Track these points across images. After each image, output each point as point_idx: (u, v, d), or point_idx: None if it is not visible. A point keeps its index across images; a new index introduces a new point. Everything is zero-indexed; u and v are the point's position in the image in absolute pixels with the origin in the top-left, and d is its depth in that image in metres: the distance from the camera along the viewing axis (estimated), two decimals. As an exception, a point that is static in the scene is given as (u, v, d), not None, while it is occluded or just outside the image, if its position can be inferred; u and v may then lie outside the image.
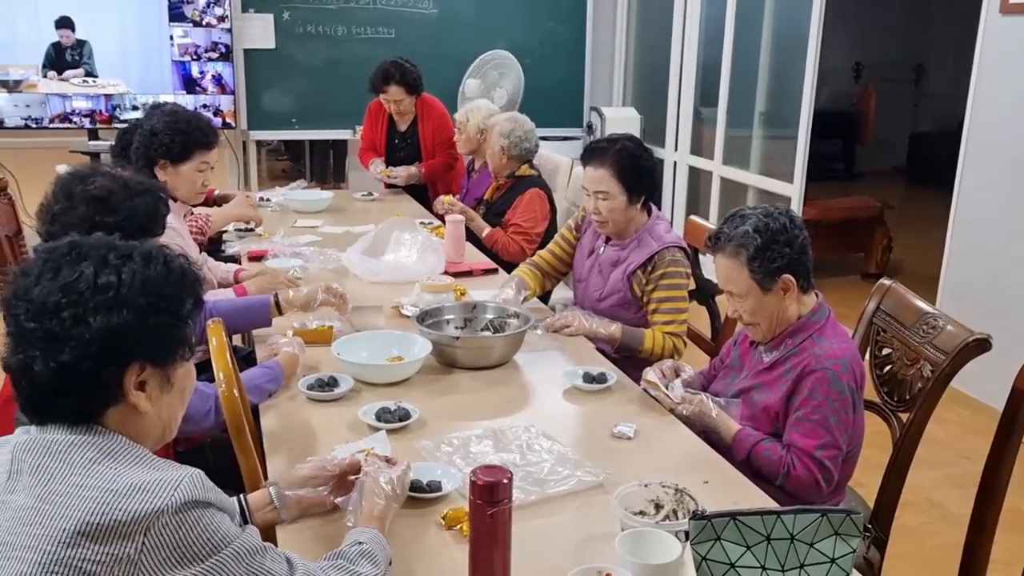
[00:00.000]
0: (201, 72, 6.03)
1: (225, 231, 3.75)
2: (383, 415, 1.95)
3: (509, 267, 3.39)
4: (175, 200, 2.67)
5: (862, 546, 1.96)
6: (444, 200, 4.00)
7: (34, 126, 5.84)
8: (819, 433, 1.92)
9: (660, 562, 1.35)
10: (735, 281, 2.01)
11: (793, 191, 5.04)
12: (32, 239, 3.08)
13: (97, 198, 1.95)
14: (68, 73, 5.81)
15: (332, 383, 2.12)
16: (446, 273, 3.01)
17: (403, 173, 4.64)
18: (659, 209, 2.80)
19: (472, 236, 3.70)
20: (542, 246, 3.75)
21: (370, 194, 4.61)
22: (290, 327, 2.45)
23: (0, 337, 1.17)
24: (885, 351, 2.19)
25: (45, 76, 5.77)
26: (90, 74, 5.84)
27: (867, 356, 2.20)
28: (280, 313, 2.48)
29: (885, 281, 2.25)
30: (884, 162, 10.05)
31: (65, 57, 5.80)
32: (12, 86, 5.75)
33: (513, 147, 3.81)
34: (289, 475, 1.57)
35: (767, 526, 1.34)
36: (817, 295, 2.05)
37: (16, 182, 3.80)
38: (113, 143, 3.23)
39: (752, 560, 1.34)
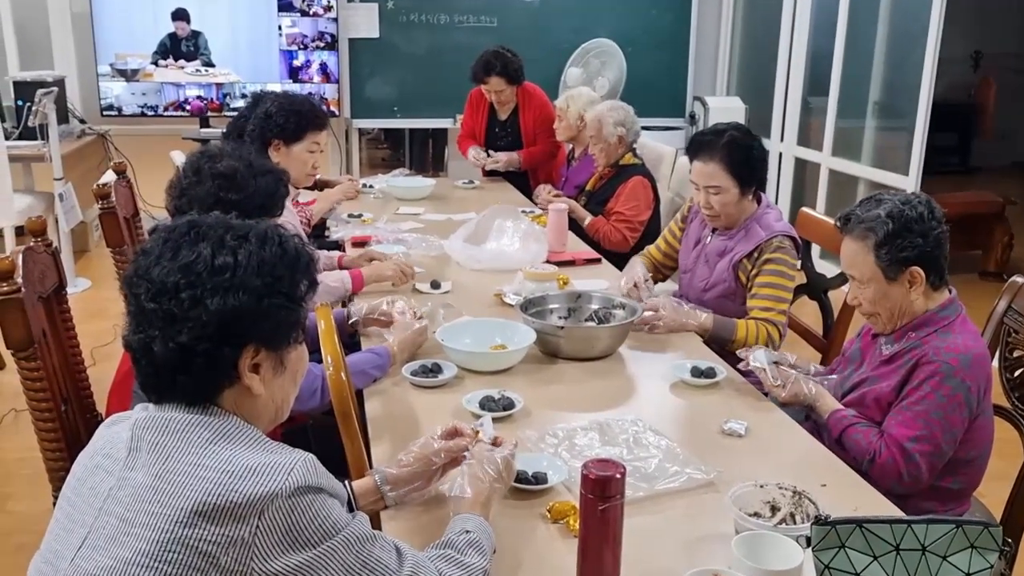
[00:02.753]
0: (307, 61, 6.14)
1: (327, 217, 3.80)
2: (487, 403, 1.93)
3: (611, 256, 3.34)
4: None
5: (1000, 563, 1.83)
6: (548, 194, 3.96)
7: (150, 114, 6.06)
8: (917, 425, 1.82)
9: (780, 568, 1.28)
10: (858, 266, 1.92)
11: (908, 184, 4.83)
12: (147, 223, 3.18)
13: (223, 175, 2.02)
14: (184, 62, 5.99)
15: (436, 370, 2.11)
16: (549, 262, 2.97)
17: (503, 158, 4.62)
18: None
19: (574, 226, 3.65)
20: (645, 236, 3.70)
21: (471, 182, 4.61)
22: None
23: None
24: (1016, 353, 2.05)
25: (156, 64, 5.96)
26: (208, 64, 6.02)
27: (996, 358, 2.07)
28: (351, 327, 2.41)
29: (1018, 279, 2.11)
30: (1003, 156, 9.54)
31: (180, 48, 5.99)
32: (130, 75, 5.97)
33: (629, 133, 3.75)
34: (396, 475, 1.54)
35: (896, 535, 1.26)
36: (950, 291, 1.93)
37: (132, 167, 3.93)
38: (225, 129, 3.31)
39: (879, 571, 1.26)
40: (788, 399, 1.99)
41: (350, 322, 2.40)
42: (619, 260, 3.27)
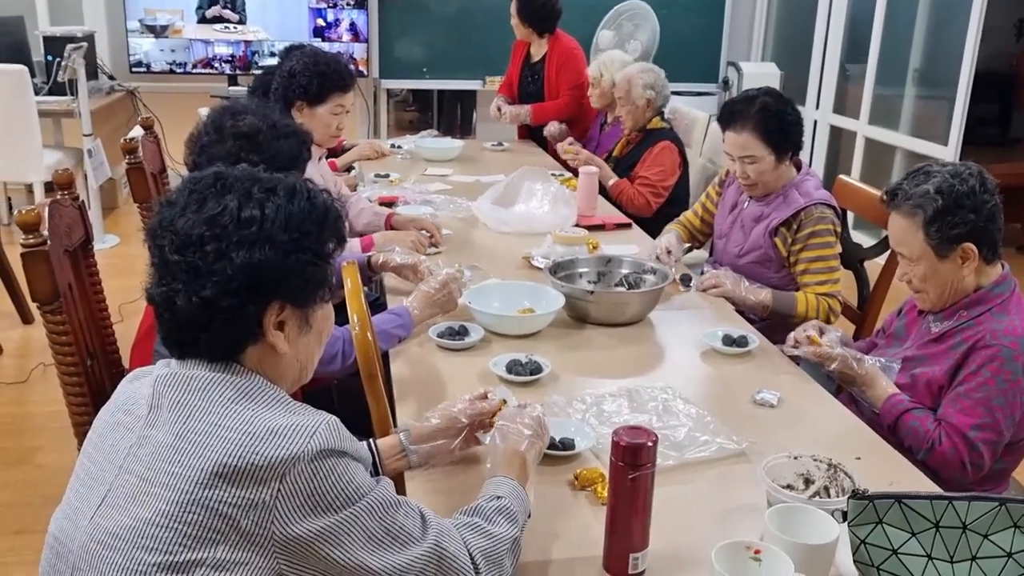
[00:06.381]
0: (336, 19, 6.07)
1: (353, 166, 3.77)
2: (514, 367, 1.89)
3: (634, 220, 3.28)
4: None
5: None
6: (567, 150, 3.88)
7: (179, 71, 6.03)
8: (978, 412, 1.76)
9: (815, 542, 1.25)
10: (907, 244, 1.84)
11: (947, 154, 4.71)
12: (174, 180, 3.17)
13: (245, 135, 1.95)
14: (227, 12, 5.93)
15: (463, 332, 2.08)
16: (578, 226, 2.92)
17: (511, 110, 4.52)
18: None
19: (603, 191, 3.59)
20: (672, 201, 3.63)
21: (500, 144, 4.55)
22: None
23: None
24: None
25: (204, 17, 5.89)
26: (242, 22, 5.97)
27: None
28: (373, 271, 2.42)
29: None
30: (1045, 128, 9.31)
31: (218, 1, 5.94)
32: (159, 31, 5.94)
33: (659, 97, 3.68)
34: (419, 428, 1.52)
35: (936, 512, 1.22)
36: (1003, 266, 1.86)
37: (161, 125, 3.92)
38: (251, 85, 3.27)
39: (917, 548, 1.22)
40: (837, 369, 1.93)
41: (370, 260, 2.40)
42: (642, 224, 3.22)
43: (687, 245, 2.74)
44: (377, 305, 2.54)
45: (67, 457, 2.11)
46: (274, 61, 5.36)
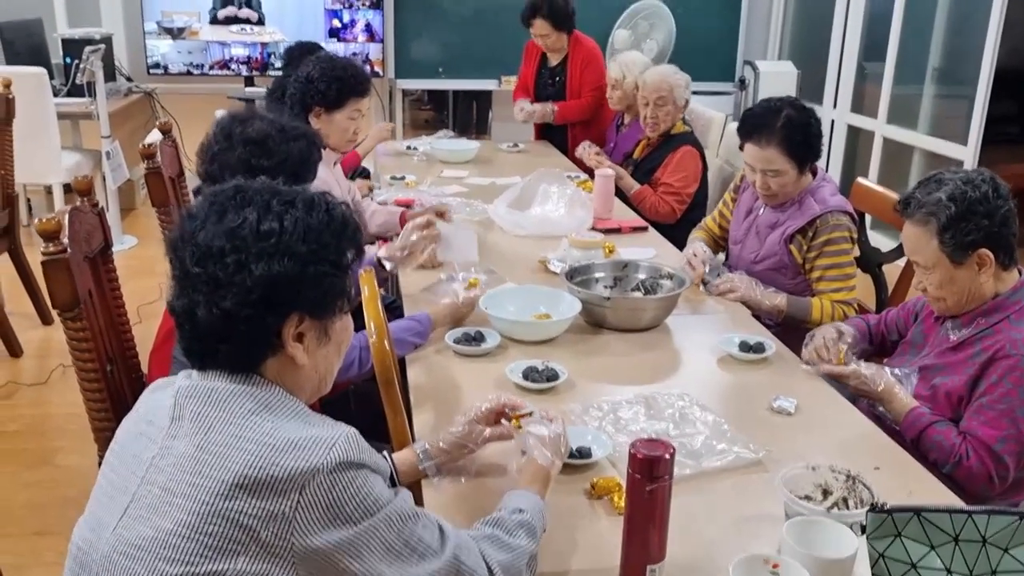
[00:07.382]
0: (352, 20, 6.09)
1: (366, 168, 3.78)
2: (530, 374, 1.90)
3: (656, 227, 3.27)
4: (325, 147, 2.66)
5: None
6: (591, 155, 3.86)
7: (196, 72, 6.06)
8: (1002, 424, 1.74)
9: (834, 556, 1.24)
10: (922, 251, 1.83)
11: (966, 154, 4.68)
12: (192, 181, 3.18)
13: (254, 141, 1.96)
14: (244, 12, 5.96)
15: (479, 338, 2.08)
16: (594, 229, 2.92)
17: (537, 108, 4.51)
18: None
19: (620, 194, 3.57)
20: (692, 207, 3.62)
21: (516, 145, 4.55)
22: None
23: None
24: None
25: (215, 18, 5.92)
26: (261, 22, 6.00)
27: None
28: (385, 269, 2.40)
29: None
30: (1066, 126, 9.21)
31: (233, 2, 5.97)
32: (176, 33, 5.97)
33: (690, 97, 3.67)
34: (438, 447, 1.52)
35: (956, 525, 1.21)
36: (1020, 271, 1.85)
37: (178, 126, 3.94)
38: (270, 88, 3.28)
39: (936, 562, 1.21)
40: (853, 386, 1.92)
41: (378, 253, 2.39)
42: (665, 231, 3.21)
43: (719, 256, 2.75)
44: (393, 308, 2.54)
45: (87, 459, 2.13)
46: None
